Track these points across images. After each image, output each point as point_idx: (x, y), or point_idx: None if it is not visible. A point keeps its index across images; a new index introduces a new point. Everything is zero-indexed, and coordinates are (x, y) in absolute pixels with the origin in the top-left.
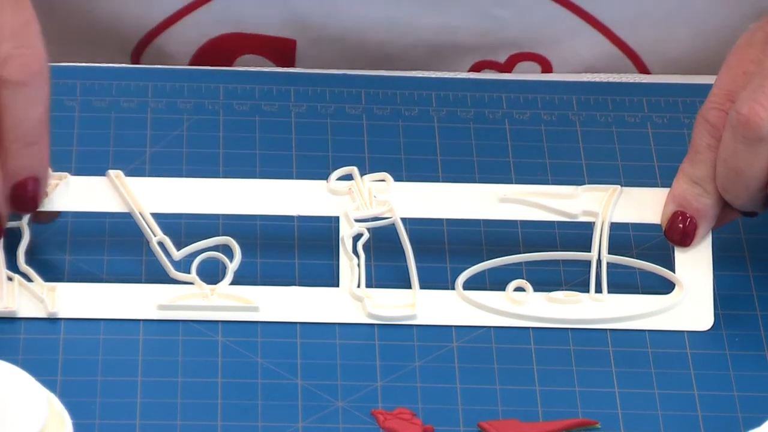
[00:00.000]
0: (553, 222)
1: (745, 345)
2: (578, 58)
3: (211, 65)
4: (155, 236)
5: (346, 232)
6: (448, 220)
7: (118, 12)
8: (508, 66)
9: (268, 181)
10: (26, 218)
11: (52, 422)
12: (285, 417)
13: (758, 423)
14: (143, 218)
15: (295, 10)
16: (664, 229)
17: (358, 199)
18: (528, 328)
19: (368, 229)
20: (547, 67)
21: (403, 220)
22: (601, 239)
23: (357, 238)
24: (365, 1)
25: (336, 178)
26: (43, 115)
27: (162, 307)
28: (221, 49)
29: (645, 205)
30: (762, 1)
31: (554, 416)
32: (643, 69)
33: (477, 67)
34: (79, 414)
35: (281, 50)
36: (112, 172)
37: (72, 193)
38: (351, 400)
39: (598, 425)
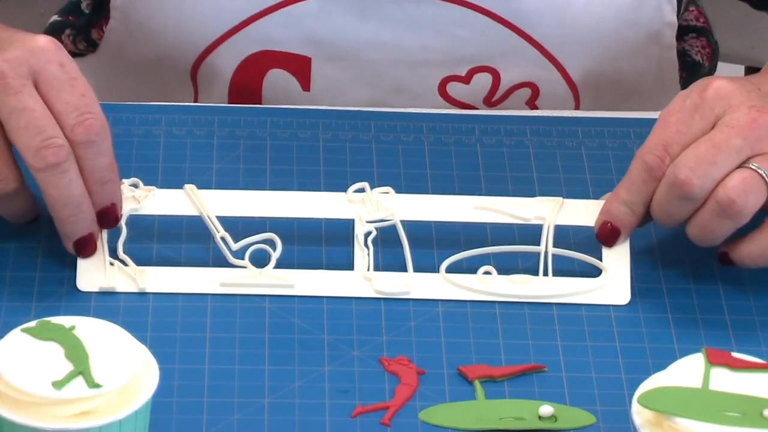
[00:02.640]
0: (513, 224)
1: (653, 311)
2: (519, 69)
3: (248, 78)
4: (218, 233)
5: (359, 230)
6: (435, 222)
7: (179, 38)
8: (467, 78)
9: (302, 192)
10: (125, 218)
11: (144, 367)
12: (314, 362)
13: (664, 367)
14: (210, 220)
15: (311, 33)
16: (595, 232)
17: (369, 206)
18: (494, 302)
19: (376, 228)
20: (496, 77)
21: (402, 222)
22: (548, 237)
23: (367, 234)
24: (364, 25)
25: (353, 190)
26: (110, 161)
27: (223, 285)
28: (255, 64)
29: (580, 213)
30: (652, 25)
31: (513, 362)
32: (566, 76)
33: (444, 82)
34: (163, 361)
35: (300, 66)
36: (187, 186)
37: (158, 202)
38: (363, 350)
39: (545, 368)
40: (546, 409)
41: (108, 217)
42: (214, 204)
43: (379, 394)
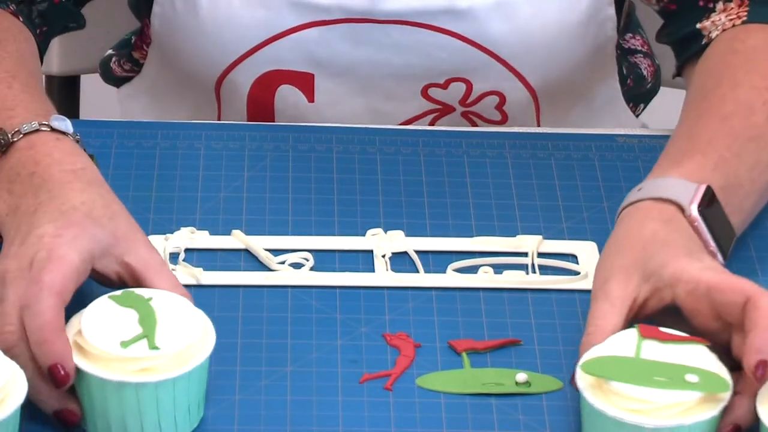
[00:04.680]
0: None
1: None
2: (488, 81)
3: (262, 92)
4: (262, 253)
5: (377, 251)
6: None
7: (205, 59)
8: (445, 85)
9: (325, 237)
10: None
11: (202, 337)
12: (329, 337)
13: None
14: (254, 248)
15: (313, 54)
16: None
17: (384, 241)
18: (479, 288)
19: (392, 253)
20: (469, 86)
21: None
22: (533, 252)
23: (384, 255)
24: (357, 48)
25: (371, 234)
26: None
27: (267, 277)
28: (268, 81)
29: (557, 246)
30: (597, 40)
31: (494, 337)
32: (527, 85)
33: (426, 88)
34: (217, 321)
35: (305, 81)
36: (235, 232)
37: (209, 239)
38: (369, 327)
39: (521, 342)
40: (521, 376)
41: (54, 375)
42: (258, 242)
43: (382, 363)
